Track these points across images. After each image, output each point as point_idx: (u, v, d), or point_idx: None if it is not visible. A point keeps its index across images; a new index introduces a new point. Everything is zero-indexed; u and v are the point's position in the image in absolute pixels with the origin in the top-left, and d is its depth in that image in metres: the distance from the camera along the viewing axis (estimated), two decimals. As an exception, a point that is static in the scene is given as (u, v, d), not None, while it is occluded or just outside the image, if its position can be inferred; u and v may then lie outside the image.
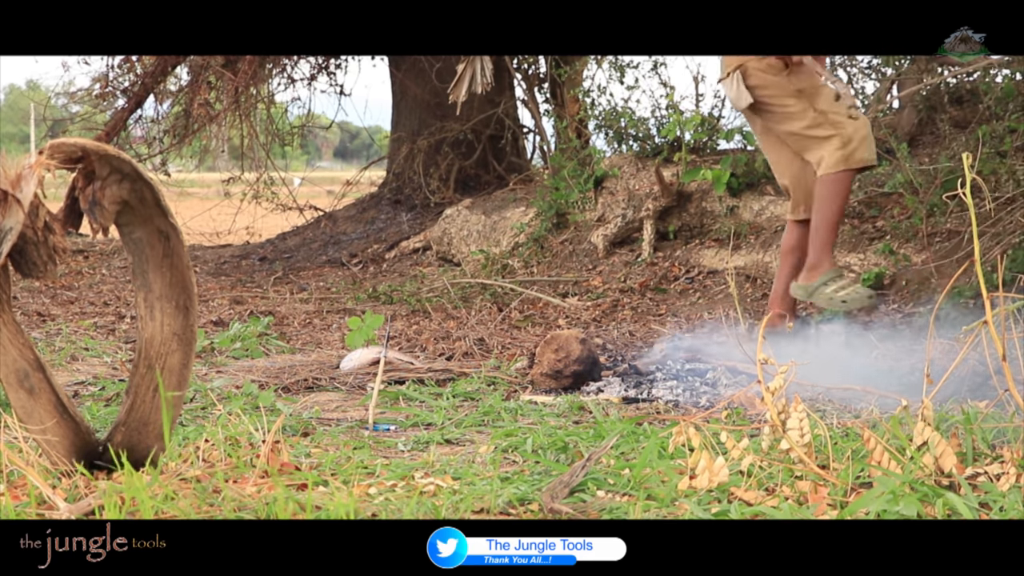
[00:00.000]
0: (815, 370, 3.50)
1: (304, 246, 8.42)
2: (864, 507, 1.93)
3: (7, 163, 2.03)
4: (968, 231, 4.45)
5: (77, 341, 4.48)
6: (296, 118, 9.74)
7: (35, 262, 2.09)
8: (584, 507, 2.08)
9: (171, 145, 8.34)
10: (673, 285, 5.68)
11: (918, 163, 5.44)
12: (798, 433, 2.16)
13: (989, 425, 2.25)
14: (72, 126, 8.98)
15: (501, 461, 2.50)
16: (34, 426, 2.16)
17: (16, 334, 2.15)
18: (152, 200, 2.17)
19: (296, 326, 5.11)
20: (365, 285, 6.53)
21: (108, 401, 3.31)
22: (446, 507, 2.05)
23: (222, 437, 2.42)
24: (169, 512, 1.99)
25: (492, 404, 3.20)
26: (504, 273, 6.25)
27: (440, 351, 4.32)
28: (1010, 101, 5.46)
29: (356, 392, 3.54)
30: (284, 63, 8.73)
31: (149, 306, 2.23)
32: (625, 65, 7.84)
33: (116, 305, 5.83)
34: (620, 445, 2.53)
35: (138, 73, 8.12)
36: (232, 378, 3.67)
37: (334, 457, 2.47)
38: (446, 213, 7.32)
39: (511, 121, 8.49)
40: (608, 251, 6.33)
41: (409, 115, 8.90)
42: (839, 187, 3.75)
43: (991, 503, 1.98)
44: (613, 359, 4.02)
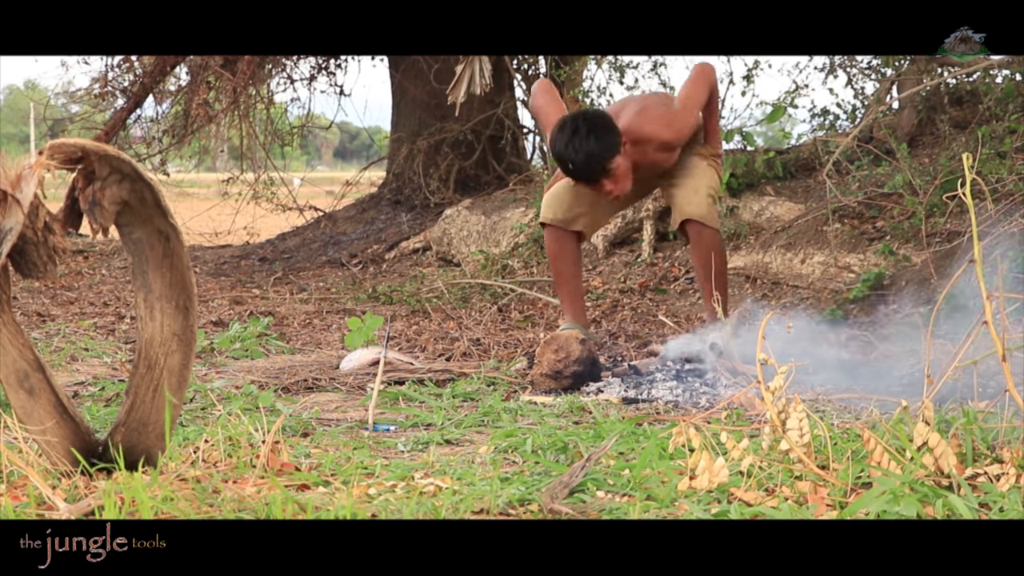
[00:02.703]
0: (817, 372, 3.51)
1: (304, 246, 8.42)
2: (864, 507, 1.93)
3: (7, 163, 2.03)
4: (968, 231, 4.45)
5: (77, 341, 4.48)
6: (296, 118, 9.74)
7: (35, 262, 2.09)
8: (584, 508, 2.08)
9: (170, 145, 8.34)
10: (673, 285, 5.68)
11: (918, 163, 5.44)
12: (798, 433, 2.16)
13: (989, 425, 2.25)
14: (71, 126, 8.98)
15: (501, 461, 2.50)
16: (34, 427, 2.16)
17: (16, 334, 2.15)
18: (152, 200, 2.17)
19: (296, 326, 5.11)
20: (365, 285, 6.53)
21: (108, 401, 3.31)
22: (446, 507, 2.05)
23: (222, 437, 2.42)
24: (169, 512, 1.99)
25: (492, 404, 3.20)
26: (504, 273, 6.25)
27: (440, 351, 4.32)
28: (1010, 102, 5.46)
29: (356, 392, 3.54)
30: (284, 63, 8.73)
31: (149, 306, 2.23)
32: (625, 65, 7.85)
33: (116, 305, 5.83)
34: (620, 445, 2.53)
35: (137, 73, 8.12)
36: (232, 378, 3.67)
37: (334, 457, 2.47)
38: (446, 213, 7.32)
39: (511, 121, 8.49)
40: (608, 251, 6.33)
41: (409, 116, 8.90)
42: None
43: (991, 503, 1.98)
44: (613, 359, 4.02)
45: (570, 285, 4.15)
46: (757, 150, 6.46)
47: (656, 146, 3.94)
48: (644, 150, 3.93)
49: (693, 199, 3.98)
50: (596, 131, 3.75)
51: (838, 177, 5.70)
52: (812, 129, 7.08)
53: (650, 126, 3.92)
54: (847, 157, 5.71)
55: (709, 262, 3.97)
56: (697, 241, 4.01)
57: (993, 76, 5.80)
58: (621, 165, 3.80)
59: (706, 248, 3.98)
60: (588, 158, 3.74)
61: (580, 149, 3.73)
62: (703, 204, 3.96)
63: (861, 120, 6.33)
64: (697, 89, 3.99)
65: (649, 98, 4.15)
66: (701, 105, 4.00)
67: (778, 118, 6.92)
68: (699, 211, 3.97)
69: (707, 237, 3.98)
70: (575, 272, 4.16)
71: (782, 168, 6.19)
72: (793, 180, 6.21)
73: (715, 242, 3.99)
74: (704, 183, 4.00)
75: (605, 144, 3.75)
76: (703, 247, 3.99)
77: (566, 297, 4.17)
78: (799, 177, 6.23)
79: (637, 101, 4.10)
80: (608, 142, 3.75)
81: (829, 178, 5.21)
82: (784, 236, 5.48)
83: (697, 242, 4.01)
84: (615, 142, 3.77)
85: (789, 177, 6.22)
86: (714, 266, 3.95)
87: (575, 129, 3.75)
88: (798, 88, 6.90)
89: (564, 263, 4.12)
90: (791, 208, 5.85)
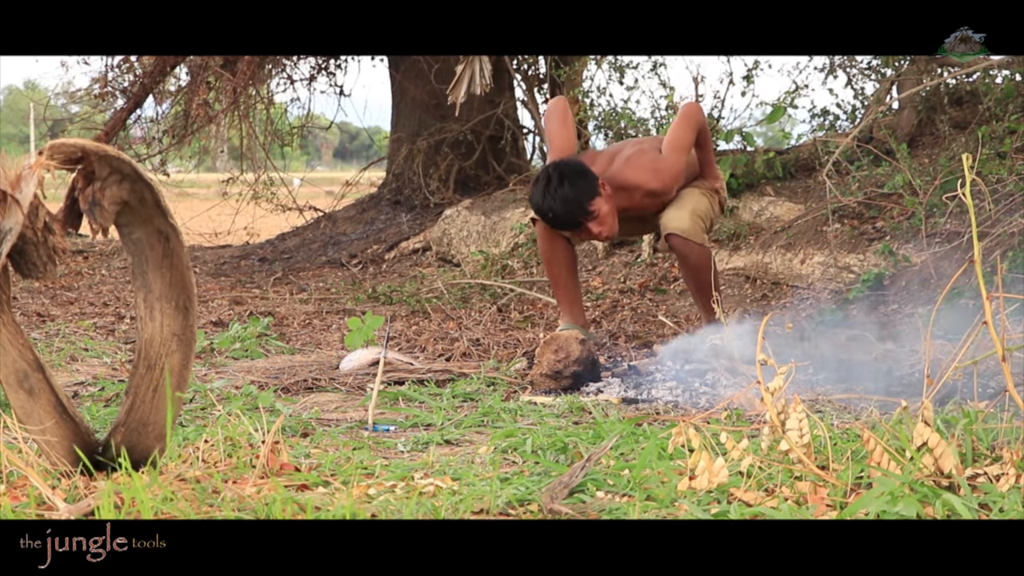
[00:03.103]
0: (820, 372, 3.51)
1: (304, 247, 8.42)
2: (863, 508, 1.93)
3: (7, 163, 2.03)
4: (968, 232, 4.46)
5: (77, 341, 4.48)
6: (296, 119, 9.74)
7: (35, 263, 2.09)
8: (584, 508, 2.08)
9: (170, 145, 8.34)
10: (673, 286, 5.68)
11: (918, 164, 5.45)
12: (797, 434, 2.16)
13: (989, 426, 2.25)
14: (71, 126, 8.99)
15: (501, 462, 2.50)
16: (34, 427, 2.16)
17: (16, 335, 2.15)
18: (152, 201, 2.17)
19: (296, 327, 5.11)
20: (365, 286, 6.53)
21: (108, 401, 3.31)
22: (445, 508, 2.05)
23: (222, 438, 2.42)
24: (169, 512, 1.99)
25: (492, 405, 3.20)
26: (504, 273, 6.25)
27: (440, 352, 4.32)
28: (1010, 102, 5.46)
29: (356, 393, 3.54)
30: (284, 63, 8.73)
31: (149, 307, 2.23)
32: (625, 66, 7.84)
33: (116, 305, 5.83)
34: (620, 446, 2.53)
35: (137, 73, 8.12)
36: (232, 379, 3.67)
37: (334, 458, 2.47)
38: (446, 214, 7.32)
39: (511, 122, 8.49)
40: (608, 252, 6.33)
41: (409, 116, 8.90)
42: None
43: (991, 504, 1.98)
44: (613, 360, 4.02)
45: (566, 286, 4.15)
46: (757, 150, 6.46)
47: (643, 193, 3.98)
48: (631, 196, 3.97)
49: (675, 215, 3.98)
50: (569, 178, 3.79)
51: (838, 177, 5.70)
52: (812, 129, 7.09)
53: (636, 174, 3.96)
54: (847, 157, 5.71)
55: (694, 277, 3.98)
56: (681, 257, 4.01)
57: (993, 76, 5.80)
58: (603, 207, 3.83)
59: (691, 264, 3.97)
60: (565, 204, 3.79)
61: (556, 196, 3.78)
62: (685, 219, 3.95)
63: (861, 120, 6.33)
64: (683, 131, 3.99)
65: (643, 142, 4.15)
66: (688, 146, 4.01)
67: (778, 118, 6.92)
68: (680, 225, 3.94)
69: (691, 252, 3.95)
70: (570, 272, 4.15)
71: (782, 168, 6.19)
72: (793, 180, 6.21)
73: (700, 257, 3.96)
74: (691, 205, 4.00)
75: (580, 188, 3.79)
76: (686, 263, 3.99)
77: (563, 298, 4.17)
78: (799, 177, 6.23)
79: (631, 146, 4.13)
80: (582, 187, 3.79)
81: (829, 178, 5.21)
82: (784, 236, 5.48)
83: (681, 258, 4.01)
84: (590, 186, 3.81)
85: (789, 177, 6.22)
86: (700, 286, 3.97)
87: (548, 180, 3.81)
88: (798, 88, 6.90)
89: (557, 265, 4.12)
90: (791, 208, 5.86)
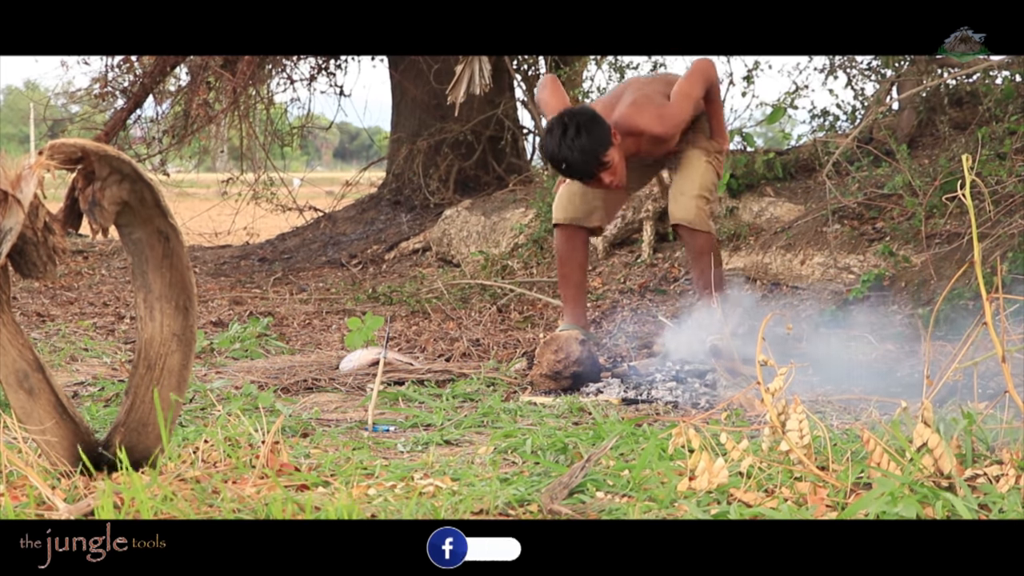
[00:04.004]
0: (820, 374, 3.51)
1: (304, 247, 8.42)
2: (863, 508, 1.93)
3: (7, 163, 2.03)
4: (968, 233, 4.46)
5: (76, 341, 4.48)
6: (296, 119, 9.74)
7: (35, 262, 2.09)
8: (584, 508, 2.08)
9: (170, 145, 8.34)
10: (673, 286, 5.68)
11: (918, 164, 5.44)
12: (797, 434, 2.16)
13: (989, 427, 2.25)
14: (71, 126, 8.98)
15: (500, 462, 2.50)
16: (33, 427, 2.16)
17: (16, 335, 2.15)
18: (152, 201, 2.17)
19: (295, 327, 5.11)
20: (365, 286, 6.52)
21: (108, 401, 3.31)
22: (445, 508, 2.05)
23: (221, 438, 2.42)
24: (169, 512, 1.99)
25: (491, 405, 3.20)
26: (503, 274, 6.25)
27: (439, 352, 4.32)
28: (1010, 103, 5.46)
29: (355, 393, 3.54)
30: (284, 63, 8.73)
31: (149, 307, 2.23)
32: (625, 65, 7.85)
33: (116, 305, 5.83)
34: (619, 446, 2.53)
35: (137, 73, 8.12)
36: (231, 379, 3.67)
37: (333, 458, 2.47)
38: (446, 214, 7.32)
39: (511, 122, 8.49)
40: (608, 252, 6.33)
41: (409, 116, 8.90)
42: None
43: (990, 504, 1.98)
44: (613, 360, 4.02)
45: (575, 287, 4.15)
46: (757, 151, 6.46)
47: (648, 139, 3.94)
48: (637, 142, 3.93)
49: (681, 201, 3.97)
50: (586, 127, 3.73)
51: (838, 178, 5.70)
52: (812, 130, 7.08)
53: (642, 120, 3.92)
54: (847, 158, 5.71)
55: (699, 265, 3.98)
56: (688, 245, 4.01)
57: (993, 77, 5.80)
58: (615, 156, 3.81)
59: (696, 252, 3.97)
60: (583, 154, 3.73)
61: (573, 147, 3.72)
62: (691, 208, 3.95)
63: (861, 121, 6.33)
64: (691, 84, 3.98)
65: (647, 85, 4.12)
66: (696, 100, 3.99)
67: (778, 119, 6.92)
68: (686, 215, 3.95)
69: (697, 241, 3.96)
70: (581, 274, 4.16)
71: (782, 169, 6.19)
72: (793, 181, 6.21)
73: (706, 245, 3.97)
74: (696, 183, 3.98)
75: (596, 138, 3.74)
76: (693, 251, 3.99)
77: (570, 299, 4.16)
78: (799, 178, 6.23)
79: (634, 90, 4.09)
80: (599, 136, 3.74)
81: (829, 179, 5.21)
82: (784, 237, 5.48)
83: (688, 246, 4.02)
84: (606, 135, 3.77)
85: (789, 178, 6.22)
86: (703, 269, 3.96)
87: (564, 128, 3.73)
88: (798, 89, 6.91)
89: (571, 265, 4.11)
90: (791, 209, 5.85)
